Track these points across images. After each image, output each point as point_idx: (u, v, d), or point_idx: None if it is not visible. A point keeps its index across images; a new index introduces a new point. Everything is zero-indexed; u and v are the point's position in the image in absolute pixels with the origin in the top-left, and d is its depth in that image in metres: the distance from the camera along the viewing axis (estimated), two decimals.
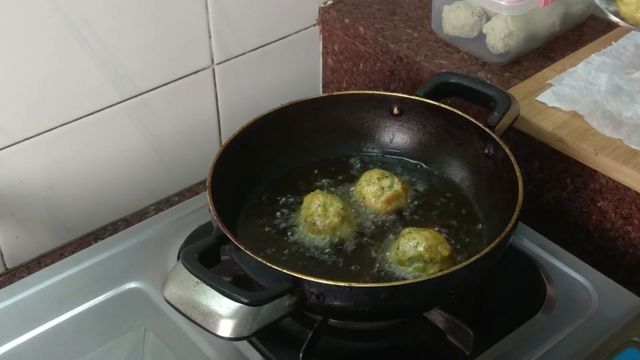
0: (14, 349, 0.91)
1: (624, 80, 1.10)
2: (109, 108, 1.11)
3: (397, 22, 1.29)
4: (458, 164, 1.03)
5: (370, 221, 0.98)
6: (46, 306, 0.96)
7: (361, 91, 1.07)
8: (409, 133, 1.07)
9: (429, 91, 1.04)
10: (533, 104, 1.10)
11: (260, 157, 1.02)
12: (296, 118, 1.04)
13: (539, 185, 1.12)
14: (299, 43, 1.31)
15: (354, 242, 0.95)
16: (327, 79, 1.38)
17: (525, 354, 0.88)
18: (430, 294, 0.84)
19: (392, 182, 0.99)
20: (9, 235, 1.09)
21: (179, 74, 1.17)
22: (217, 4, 1.15)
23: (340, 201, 0.96)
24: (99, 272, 1.00)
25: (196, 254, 0.82)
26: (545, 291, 0.95)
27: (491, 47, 1.18)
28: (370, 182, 0.99)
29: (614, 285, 0.97)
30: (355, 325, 0.93)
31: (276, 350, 0.89)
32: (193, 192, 1.23)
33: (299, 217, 0.97)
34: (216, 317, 0.76)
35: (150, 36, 1.11)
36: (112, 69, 1.08)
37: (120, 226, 1.17)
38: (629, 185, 1.01)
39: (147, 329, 0.92)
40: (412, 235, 0.90)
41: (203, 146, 1.24)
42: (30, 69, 1.01)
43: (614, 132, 1.04)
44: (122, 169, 1.16)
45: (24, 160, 1.06)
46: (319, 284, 0.79)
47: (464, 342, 0.88)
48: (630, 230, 1.04)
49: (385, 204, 0.98)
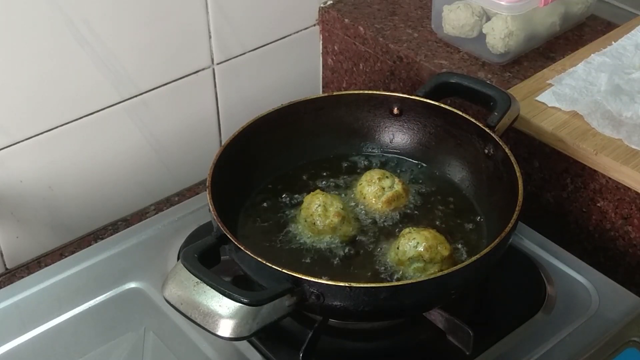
0: (14, 349, 0.91)
1: (624, 80, 1.10)
2: (108, 108, 1.11)
3: (397, 22, 1.29)
4: (458, 164, 1.03)
5: (371, 221, 0.98)
6: (46, 306, 0.96)
7: (361, 91, 1.07)
8: (409, 133, 1.07)
9: (429, 91, 1.04)
10: (533, 104, 1.10)
11: (261, 156, 1.02)
12: (296, 118, 1.04)
13: (539, 185, 1.12)
14: (299, 43, 1.31)
15: (354, 242, 0.95)
16: (327, 79, 1.38)
17: (525, 354, 0.88)
18: (430, 294, 0.84)
19: (393, 183, 0.99)
20: (9, 235, 1.09)
21: (179, 74, 1.17)
22: (217, 4, 1.15)
23: (340, 201, 0.96)
24: (99, 272, 1.00)
25: (196, 254, 0.82)
26: (545, 291, 0.95)
27: (491, 47, 1.18)
28: (371, 182, 0.99)
29: (614, 285, 0.97)
30: (355, 325, 0.93)
31: (276, 350, 0.89)
32: (193, 192, 1.23)
33: (299, 217, 0.97)
34: (216, 317, 0.76)
35: (150, 36, 1.11)
36: (112, 69, 1.08)
37: (120, 226, 1.17)
38: (629, 185, 1.01)
39: (147, 329, 0.92)
40: (412, 235, 0.90)
41: (203, 146, 1.24)
42: (30, 69, 1.01)
43: (614, 132, 1.04)
44: (122, 169, 1.16)
45: (24, 160, 1.06)
46: (319, 284, 0.79)
47: (464, 342, 0.88)
48: (630, 230, 1.04)
49: (385, 204, 0.98)
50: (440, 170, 1.05)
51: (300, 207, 0.97)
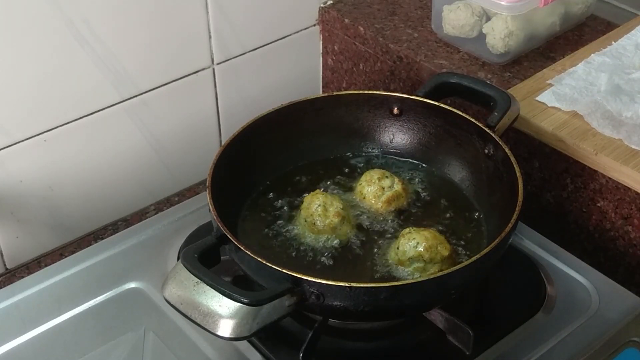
0: (14, 349, 0.91)
1: (624, 80, 1.10)
2: (108, 108, 1.11)
3: (397, 22, 1.29)
4: (458, 164, 1.03)
5: (371, 221, 0.98)
6: (46, 306, 0.96)
7: (361, 91, 1.07)
8: (409, 133, 1.07)
9: (429, 91, 1.04)
10: (533, 104, 1.10)
11: (261, 157, 1.02)
12: (296, 118, 1.04)
13: (539, 185, 1.12)
14: (299, 43, 1.31)
15: (354, 242, 0.95)
16: (327, 79, 1.38)
17: (525, 354, 0.88)
18: (430, 294, 0.84)
19: (393, 182, 0.99)
20: (9, 235, 1.09)
21: (179, 74, 1.17)
22: (217, 4, 1.15)
23: (340, 201, 0.96)
24: (99, 272, 1.00)
25: (196, 254, 0.82)
26: (545, 291, 0.95)
27: (491, 47, 1.18)
28: (371, 182, 0.99)
29: (614, 285, 0.97)
30: (355, 325, 0.93)
31: (276, 350, 0.89)
32: (193, 192, 1.23)
33: (299, 217, 0.97)
34: (216, 317, 0.76)
35: (150, 36, 1.11)
36: (112, 69, 1.08)
37: (120, 226, 1.17)
38: (629, 185, 1.01)
39: (147, 329, 0.92)
40: (412, 235, 0.90)
41: (203, 146, 1.24)
42: (30, 69, 1.01)
43: (614, 132, 1.04)
44: (122, 169, 1.16)
45: (24, 160, 1.06)
46: (319, 284, 0.79)
47: (464, 342, 0.88)
48: (630, 230, 1.04)
49: (385, 204, 0.98)
50: (440, 170, 1.05)
51: (300, 207, 0.97)
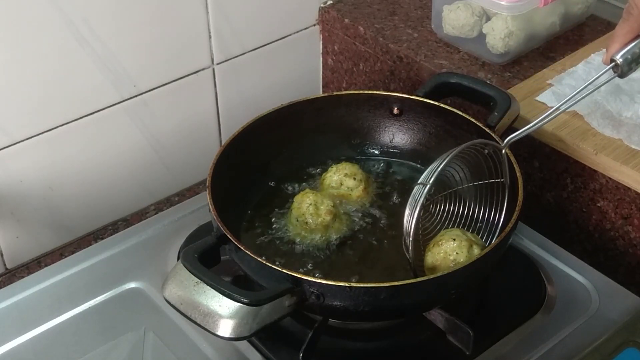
0: (14, 349, 0.91)
1: (623, 80, 1.10)
2: (109, 108, 1.11)
3: (397, 22, 1.29)
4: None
5: (361, 216, 0.98)
6: (46, 306, 0.96)
7: (361, 91, 1.07)
8: (409, 133, 1.07)
9: (429, 91, 1.04)
10: (533, 104, 1.10)
11: (261, 156, 1.02)
12: (296, 118, 1.04)
13: (539, 185, 1.12)
14: (299, 43, 1.31)
15: (350, 239, 0.95)
16: (327, 79, 1.38)
17: (525, 354, 0.88)
18: (430, 294, 0.84)
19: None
20: (9, 235, 1.09)
21: (179, 74, 1.17)
22: (217, 4, 1.15)
23: (331, 199, 0.96)
24: (99, 272, 1.00)
25: (196, 254, 0.82)
26: (545, 291, 0.95)
27: (491, 47, 1.18)
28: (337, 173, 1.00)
29: (614, 285, 0.97)
30: (355, 325, 0.93)
31: (276, 350, 0.89)
32: (193, 192, 1.23)
33: (290, 216, 0.97)
34: (216, 317, 0.76)
35: (150, 36, 1.11)
36: (112, 69, 1.08)
37: (120, 226, 1.17)
38: (629, 185, 1.01)
39: (147, 329, 0.92)
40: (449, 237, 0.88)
41: (203, 146, 1.24)
42: (31, 69, 1.01)
43: (614, 132, 1.04)
44: (122, 169, 1.16)
45: (24, 160, 1.06)
46: (319, 284, 0.80)
47: (464, 342, 0.88)
48: (630, 230, 1.04)
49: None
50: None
51: (291, 207, 0.97)
